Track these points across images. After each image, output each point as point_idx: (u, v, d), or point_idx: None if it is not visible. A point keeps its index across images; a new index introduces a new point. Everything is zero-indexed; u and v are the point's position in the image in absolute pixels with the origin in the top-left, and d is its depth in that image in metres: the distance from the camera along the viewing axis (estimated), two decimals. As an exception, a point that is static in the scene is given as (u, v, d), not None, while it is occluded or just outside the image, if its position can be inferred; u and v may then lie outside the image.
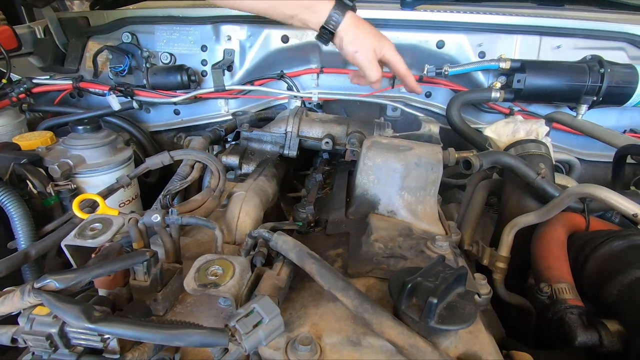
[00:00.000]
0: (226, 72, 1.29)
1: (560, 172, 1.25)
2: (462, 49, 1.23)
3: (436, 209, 0.77)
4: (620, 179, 0.83)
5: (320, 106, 1.34)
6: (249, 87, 1.29)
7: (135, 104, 1.25)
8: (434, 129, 0.86)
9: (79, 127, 0.91)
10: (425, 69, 1.20)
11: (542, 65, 1.09)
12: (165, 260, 0.55)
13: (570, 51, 1.20)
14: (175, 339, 0.37)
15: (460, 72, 1.16)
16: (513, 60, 1.12)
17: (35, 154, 0.87)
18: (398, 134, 0.91)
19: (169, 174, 0.93)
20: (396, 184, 0.72)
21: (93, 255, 0.48)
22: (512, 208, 0.78)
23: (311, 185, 0.94)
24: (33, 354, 0.40)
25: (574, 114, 1.09)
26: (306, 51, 1.30)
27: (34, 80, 1.19)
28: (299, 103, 1.25)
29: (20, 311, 0.39)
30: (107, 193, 0.79)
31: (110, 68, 1.27)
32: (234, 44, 1.31)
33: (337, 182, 0.90)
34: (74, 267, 0.51)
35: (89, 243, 0.51)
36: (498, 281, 0.71)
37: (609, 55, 1.16)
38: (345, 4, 0.87)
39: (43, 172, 0.85)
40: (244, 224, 0.74)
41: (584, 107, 1.05)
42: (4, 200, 0.69)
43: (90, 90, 1.23)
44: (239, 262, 0.49)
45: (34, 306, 0.39)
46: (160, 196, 0.79)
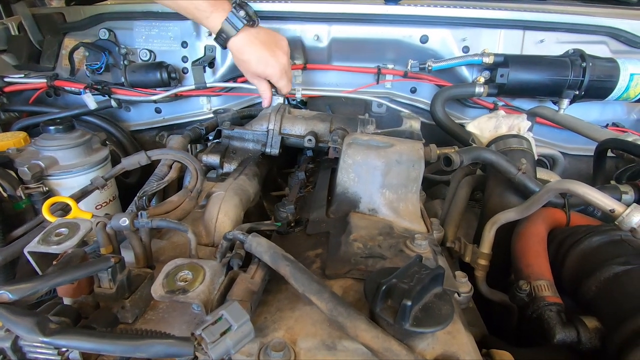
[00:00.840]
0: (207, 69, 1.26)
1: (544, 167, 1.25)
2: (446, 43, 1.22)
3: (418, 206, 0.76)
4: (602, 172, 0.83)
5: (304, 103, 1.32)
6: (231, 85, 1.26)
7: (113, 103, 1.22)
8: (415, 125, 0.85)
9: (51, 128, 0.88)
10: (409, 64, 1.19)
11: (525, 60, 1.09)
12: (136, 265, 0.53)
13: (553, 45, 1.20)
14: (137, 350, 0.36)
15: (444, 67, 1.15)
16: (496, 55, 1.11)
17: (5, 155, 0.84)
18: (380, 131, 0.90)
19: (150, 173, 0.90)
20: (377, 182, 0.71)
21: (54, 262, 0.46)
22: (494, 204, 0.78)
23: (293, 183, 0.92)
24: (-12, 369, 0.38)
25: (557, 108, 1.09)
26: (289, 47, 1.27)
27: (6, 79, 1.15)
28: (281, 100, 1.23)
29: (-28, 325, 0.37)
30: (81, 195, 0.76)
31: (86, 65, 1.24)
32: (215, 40, 1.28)
33: (320, 181, 0.89)
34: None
35: (54, 249, 0.49)
36: (480, 278, 0.71)
37: (591, 49, 1.16)
38: (235, 22, 0.92)
39: (13, 175, 0.82)
40: (223, 225, 0.72)
41: (566, 102, 1.05)
42: (-33, 205, 0.67)
43: (66, 88, 1.19)
44: (209, 267, 0.47)
45: (-14, 319, 0.37)
46: (136, 198, 0.77)
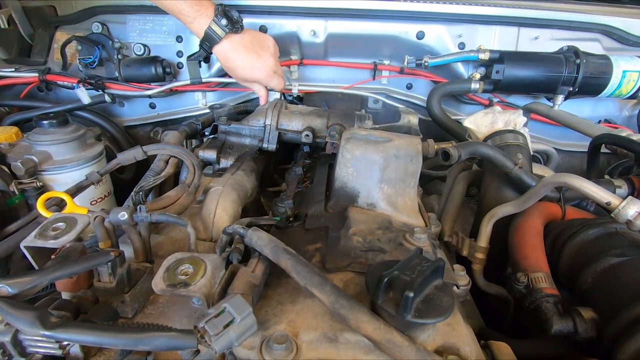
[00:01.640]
0: (203, 64, 1.25)
1: (538, 162, 1.27)
2: (442, 40, 1.22)
3: (416, 200, 0.76)
4: (595, 167, 0.85)
5: (300, 99, 1.32)
6: (226, 80, 1.25)
7: (107, 98, 1.20)
8: (413, 120, 0.85)
9: (44, 122, 0.86)
10: (406, 60, 1.19)
11: (520, 56, 1.10)
12: (135, 259, 0.53)
13: (548, 42, 1.22)
14: (140, 343, 0.35)
15: (440, 63, 1.16)
16: (492, 51, 1.12)
17: (-3, 150, 0.83)
18: (378, 126, 0.90)
19: (145, 170, 0.89)
20: (375, 176, 0.71)
21: (52, 256, 0.45)
22: (491, 199, 0.78)
23: (291, 179, 0.92)
24: (-14, 364, 0.37)
25: (551, 104, 1.10)
26: (285, 42, 1.27)
27: (-2, 73, 1.12)
28: (278, 95, 1.22)
29: (-30, 319, 0.37)
30: (76, 191, 0.76)
31: (79, 60, 1.22)
32: (211, 35, 1.27)
33: (317, 176, 0.89)
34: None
35: (51, 244, 0.49)
36: (477, 272, 0.72)
37: (584, 46, 1.18)
38: (217, 31, 0.92)
39: (6, 170, 0.81)
40: (221, 220, 0.72)
41: (560, 98, 1.06)
42: (-41, 200, 0.65)
43: (59, 83, 1.17)
44: (210, 260, 0.47)
45: (-15, 313, 0.36)
46: (133, 193, 0.76)
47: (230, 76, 1.20)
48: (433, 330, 0.46)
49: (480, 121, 0.87)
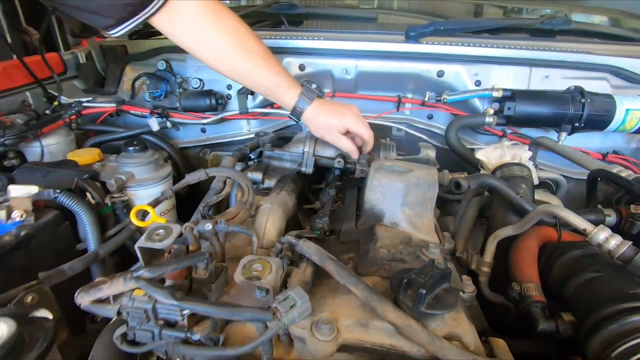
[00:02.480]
0: (249, 96, 1.45)
1: (550, 189, 1.37)
2: (460, 77, 1.37)
3: (433, 221, 0.90)
4: (594, 197, 0.96)
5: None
6: (269, 110, 1.44)
7: (169, 124, 1.42)
8: (431, 153, 1.00)
9: (130, 148, 1.07)
10: (427, 95, 1.35)
11: (530, 95, 1.23)
12: (215, 260, 0.70)
13: (558, 80, 1.34)
14: (234, 315, 0.52)
15: (457, 100, 1.30)
16: (504, 90, 1.26)
17: (93, 170, 1.03)
18: (400, 157, 1.05)
19: (195, 188, 1.07)
20: (398, 201, 0.86)
21: (166, 255, 0.63)
22: (498, 222, 0.92)
23: (325, 199, 1.08)
24: (128, 325, 0.55)
25: (558, 138, 1.22)
26: (320, 78, 1.45)
27: (84, 104, 1.36)
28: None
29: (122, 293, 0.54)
30: (155, 204, 0.94)
31: (148, 92, 1.44)
32: (257, 71, 1.47)
33: (348, 197, 1.05)
34: (143, 264, 0.66)
35: (157, 245, 0.66)
36: (483, 283, 0.85)
37: (592, 84, 1.29)
38: (308, 95, 1.01)
39: (100, 186, 1.01)
40: (270, 232, 0.89)
41: (564, 134, 1.18)
42: (79, 210, 0.85)
43: (132, 112, 1.40)
44: (274, 262, 0.63)
45: (132, 290, 0.54)
46: (200, 207, 0.94)
47: (273, 106, 1.39)
48: (441, 322, 0.60)
49: (490, 154, 1.01)
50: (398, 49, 1.38)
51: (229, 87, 1.49)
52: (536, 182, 1.00)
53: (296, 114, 1.03)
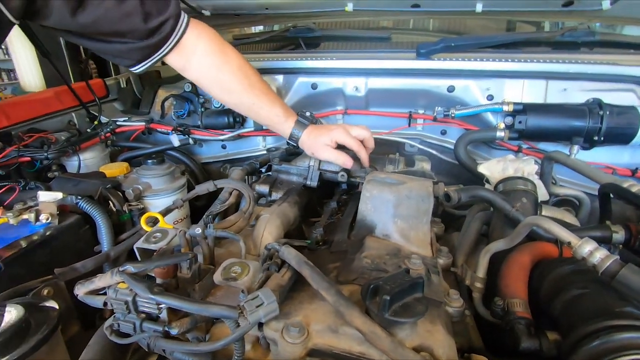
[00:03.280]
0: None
1: (573, 207, 1.29)
2: (471, 92, 1.36)
3: (429, 234, 0.89)
4: (607, 212, 0.89)
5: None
6: (282, 128, 1.51)
7: (191, 141, 1.53)
8: (426, 166, 1.00)
9: (149, 161, 1.18)
10: (435, 111, 1.35)
11: (543, 108, 1.19)
12: (203, 262, 0.75)
13: (577, 93, 1.28)
14: (204, 310, 0.56)
15: (465, 115, 1.29)
16: (515, 104, 1.23)
17: (116, 180, 1.15)
18: (397, 170, 1.06)
19: (214, 199, 1.15)
20: (389, 212, 0.87)
21: (155, 254, 0.68)
22: (496, 236, 0.88)
23: (325, 211, 1.11)
24: (114, 317, 0.60)
25: (575, 151, 1.15)
26: (332, 96, 1.51)
27: (118, 123, 1.51)
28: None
29: (109, 286, 0.60)
30: (166, 212, 1.02)
31: (174, 112, 1.58)
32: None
33: (347, 210, 1.06)
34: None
35: (153, 246, 0.73)
36: (476, 299, 0.81)
37: (617, 96, 1.23)
38: (302, 123, 1.12)
39: (121, 195, 1.12)
40: (266, 241, 0.92)
41: (576, 147, 1.12)
42: (96, 215, 0.95)
43: (158, 130, 1.53)
44: (253, 265, 0.67)
45: (118, 283, 0.60)
46: (204, 216, 1.01)
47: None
48: (412, 331, 0.59)
49: (493, 168, 0.99)
50: (407, 65, 1.40)
51: (247, 106, 1.58)
52: (545, 198, 0.96)
53: (293, 140, 1.14)
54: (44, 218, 0.89)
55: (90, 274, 0.87)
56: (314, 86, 1.50)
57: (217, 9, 1.65)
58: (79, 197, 0.94)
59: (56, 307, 0.70)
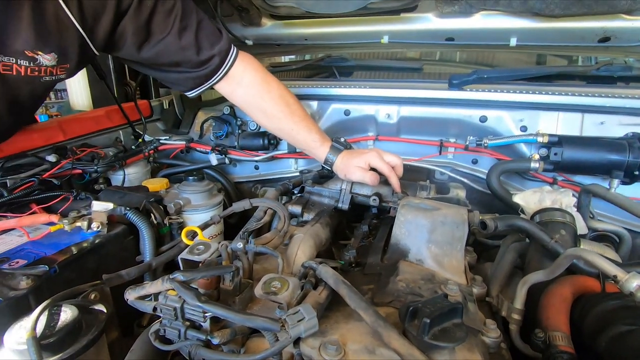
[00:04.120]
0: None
1: (613, 243, 1.24)
2: (504, 123, 1.37)
3: (463, 262, 0.89)
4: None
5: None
6: (315, 150, 1.56)
7: (227, 160, 1.60)
8: (461, 193, 1.01)
9: (190, 178, 1.24)
10: (468, 140, 1.36)
11: (580, 141, 1.18)
12: (243, 276, 0.78)
13: (615, 127, 1.26)
14: (247, 321, 0.58)
15: (498, 145, 1.29)
16: (550, 135, 1.22)
17: (159, 195, 1.21)
18: (431, 197, 1.07)
19: (246, 218, 1.19)
20: (423, 237, 0.88)
21: (200, 265, 0.72)
22: (533, 268, 0.86)
23: (357, 234, 1.12)
24: (162, 322, 0.63)
25: (615, 185, 1.13)
26: (364, 122, 1.55)
27: (161, 141, 1.61)
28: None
29: (159, 292, 0.64)
30: (204, 227, 1.07)
31: (212, 133, 1.66)
32: (307, 116, 1.62)
33: (380, 233, 1.08)
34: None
35: (196, 258, 0.76)
36: (513, 331, 0.79)
37: (657, 132, 1.20)
38: (337, 149, 1.19)
39: (162, 209, 1.18)
40: (300, 259, 0.94)
41: (616, 182, 1.10)
42: (141, 226, 1.01)
43: (197, 149, 1.62)
44: (292, 281, 0.69)
45: (168, 290, 0.63)
46: (240, 232, 1.04)
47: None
48: (450, 357, 0.59)
49: (529, 198, 0.98)
50: (441, 95, 1.43)
51: (281, 130, 1.65)
52: (584, 232, 0.94)
53: (328, 164, 1.21)
54: (95, 226, 0.95)
55: (133, 281, 0.92)
56: (346, 112, 1.55)
57: (260, 39, 1.76)
58: (128, 209, 1.00)
59: (104, 311, 0.74)
